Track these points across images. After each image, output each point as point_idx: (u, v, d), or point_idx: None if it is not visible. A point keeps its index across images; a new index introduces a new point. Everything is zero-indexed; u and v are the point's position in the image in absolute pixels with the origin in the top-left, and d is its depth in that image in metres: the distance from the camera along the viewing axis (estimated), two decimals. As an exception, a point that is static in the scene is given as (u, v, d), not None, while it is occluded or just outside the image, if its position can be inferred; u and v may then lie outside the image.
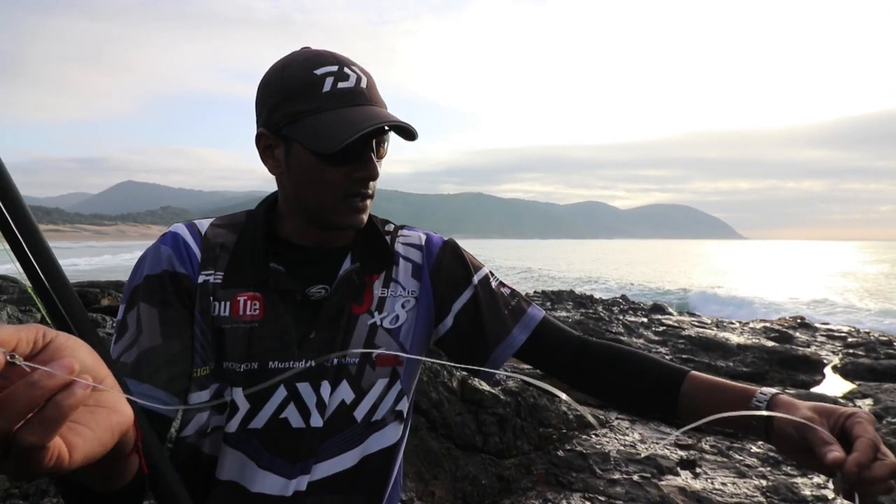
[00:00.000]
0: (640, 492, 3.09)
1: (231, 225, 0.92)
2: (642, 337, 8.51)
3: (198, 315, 0.85)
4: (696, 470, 3.44)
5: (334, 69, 0.81)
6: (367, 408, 0.89)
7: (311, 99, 0.81)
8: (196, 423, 0.84)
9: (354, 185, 0.84)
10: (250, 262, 0.87)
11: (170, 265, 0.85)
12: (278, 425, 0.84)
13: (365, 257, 0.93)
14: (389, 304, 0.93)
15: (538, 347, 0.99)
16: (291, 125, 0.82)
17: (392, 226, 1.02)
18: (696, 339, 8.03)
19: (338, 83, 0.80)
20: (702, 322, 10.79)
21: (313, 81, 0.81)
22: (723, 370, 6.30)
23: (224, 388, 0.84)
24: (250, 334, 0.84)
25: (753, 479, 3.34)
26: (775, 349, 7.12)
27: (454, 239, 1.05)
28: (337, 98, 0.80)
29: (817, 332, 9.94)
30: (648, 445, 2.75)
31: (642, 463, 3.42)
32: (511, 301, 0.99)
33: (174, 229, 0.90)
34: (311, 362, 0.84)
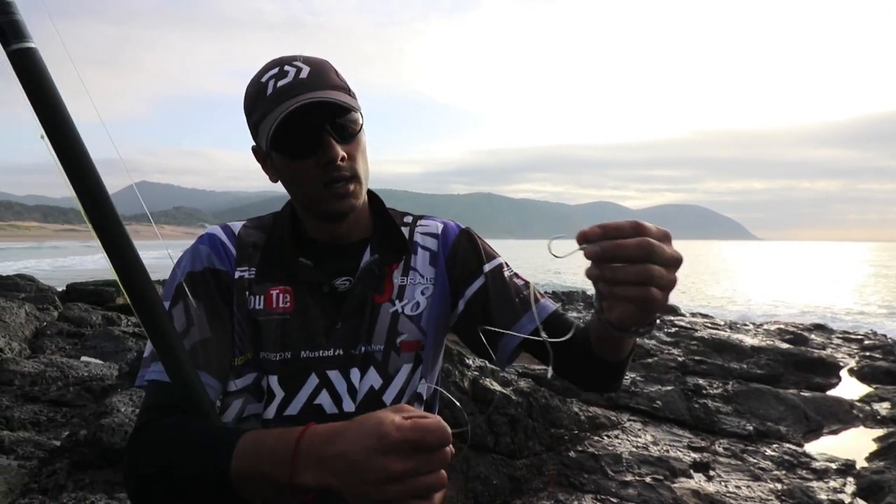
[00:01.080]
0: (653, 494, 3.07)
1: (260, 226, 0.98)
2: (654, 338, 8.45)
3: (235, 308, 0.90)
4: (709, 473, 3.41)
5: (275, 71, 0.86)
6: (394, 392, 0.93)
7: (259, 106, 0.86)
8: (234, 410, 0.90)
9: (327, 172, 0.87)
10: (280, 258, 0.93)
11: (210, 263, 0.91)
12: (313, 411, 0.89)
13: (383, 248, 0.97)
14: (409, 292, 0.97)
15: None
16: (257, 136, 0.90)
17: (411, 217, 1.06)
18: (709, 340, 7.96)
19: (277, 82, 0.85)
20: (715, 323, 10.70)
21: (260, 89, 0.87)
22: (736, 372, 6.24)
23: (261, 377, 0.89)
24: (283, 326, 0.90)
25: (768, 483, 3.30)
26: (790, 351, 7.04)
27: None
28: (276, 97, 0.85)
29: (833, 335, 9.81)
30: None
31: (655, 465, 3.40)
32: (523, 291, 1.00)
33: (211, 230, 0.97)
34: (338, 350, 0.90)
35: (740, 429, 4.18)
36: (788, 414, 4.62)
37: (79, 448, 2.70)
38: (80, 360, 5.06)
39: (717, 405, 4.54)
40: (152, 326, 0.75)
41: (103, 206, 0.72)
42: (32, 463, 2.78)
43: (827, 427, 4.64)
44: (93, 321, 7.05)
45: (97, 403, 3.51)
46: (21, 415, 3.57)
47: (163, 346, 0.76)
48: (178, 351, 0.76)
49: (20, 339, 5.50)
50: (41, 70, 0.71)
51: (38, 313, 6.47)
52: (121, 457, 2.65)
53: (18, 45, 0.69)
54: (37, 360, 4.73)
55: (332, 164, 0.86)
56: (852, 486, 3.32)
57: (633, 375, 5.20)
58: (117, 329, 6.31)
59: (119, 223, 0.74)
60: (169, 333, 0.76)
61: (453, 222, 1.07)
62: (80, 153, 0.71)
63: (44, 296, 8.45)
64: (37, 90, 0.70)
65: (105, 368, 4.71)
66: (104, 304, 8.61)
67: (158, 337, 0.76)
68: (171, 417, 0.78)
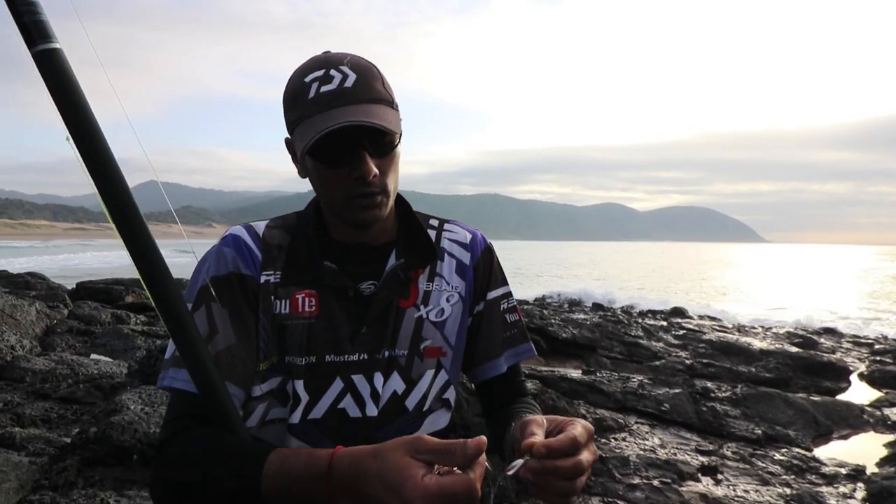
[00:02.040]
0: (661, 497, 3.06)
1: (284, 226, 0.97)
2: (662, 341, 8.42)
3: (261, 313, 0.89)
4: (717, 476, 3.39)
5: (320, 74, 0.85)
6: (417, 397, 0.93)
7: (300, 107, 0.85)
8: (258, 415, 0.89)
9: (355, 186, 0.86)
10: (306, 261, 0.92)
11: (235, 267, 0.90)
12: (337, 415, 0.89)
13: (409, 253, 0.96)
14: (435, 298, 0.96)
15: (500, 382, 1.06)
16: (292, 133, 0.89)
17: (437, 221, 1.05)
18: (717, 343, 7.92)
19: (321, 87, 0.84)
20: (723, 326, 10.64)
21: (302, 90, 0.85)
22: (745, 375, 6.20)
23: (286, 382, 0.89)
24: (309, 330, 0.89)
25: (777, 487, 3.28)
26: (799, 355, 6.99)
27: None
28: (319, 103, 0.84)
29: (843, 339, 9.74)
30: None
31: (662, 468, 3.38)
32: (513, 329, 1.04)
33: (234, 232, 0.95)
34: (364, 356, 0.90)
35: (749, 433, 4.15)
36: (798, 418, 4.58)
37: (89, 445, 2.73)
38: (90, 357, 5.10)
39: (726, 408, 4.51)
40: (180, 336, 0.75)
41: (128, 209, 0.72)
42: (43, 459, 2.80)
43: (837, 432, 4.60)
44: (102, 319, 7.11)
45: (107, 401, 3.54)
46: (32, 412, 3.60)
47: (191, 356, 0.76)
48: (206, 362, 0.76)
49: (31, 336, 5.55)
50: (66, 72, 0.69)
51: (48, 311, 6.52)
52: (130, 454, 2.67)
53: (44, 45, 0.68)
54: (47, 357, 4.78)
55: (362, 180, 0.86)
56: (862, 492, 3.29)
57: (640, 378, 5.18)
58: (126, 327, 6.35)
59: (144, 227, 0.73)
60: (197, 343, 0.76)
61: (479, 233, 1.07)
62: (105, 156, 0.71)
63: (54, 294, 8.52)
64: (62, 92, 0.69)
65: (114, 366, 4.75)
66: (113, 303, 8.67)
67: (186, 346, 0.75)
68: (200, 430, 0.80)
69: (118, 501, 2.29)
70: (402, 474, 0.61)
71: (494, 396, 1.05)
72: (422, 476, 0.60)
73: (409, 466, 0.61)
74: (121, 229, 0.72)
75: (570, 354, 7.55)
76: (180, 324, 0.75)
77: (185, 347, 0.76)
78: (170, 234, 24.13)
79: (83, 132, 0.70)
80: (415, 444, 0.63)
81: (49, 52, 0.68)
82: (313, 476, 0.67)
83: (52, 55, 0.68)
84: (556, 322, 8.21)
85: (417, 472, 0.61)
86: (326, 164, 0.86)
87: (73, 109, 0.69)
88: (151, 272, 0.73)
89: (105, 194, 0.71)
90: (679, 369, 6.55)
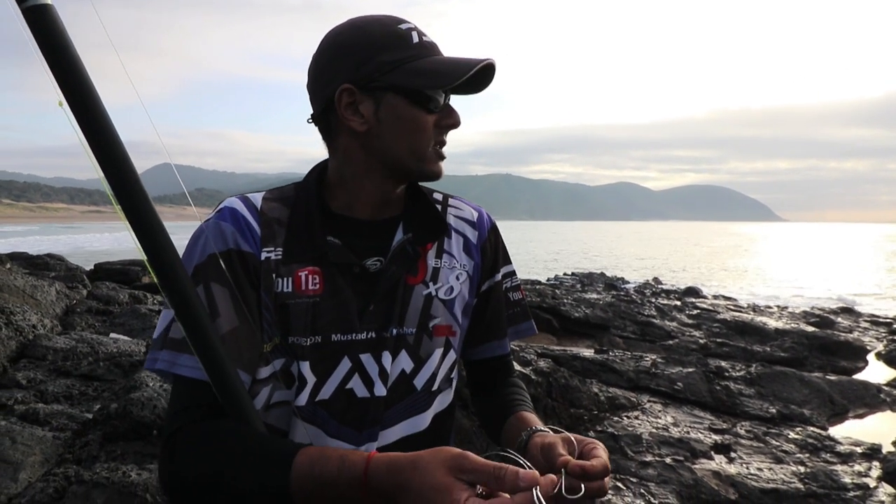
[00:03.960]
0: (673, 474, 3.07)
1: (282, 199, 0.92)
2: (675, 320, 8.38)
3: (263, 293, 0.85)
4: (730, 454, 3.39)
5: (413, 25, 0.87)
6: (426, 376, 0.92)
7: (405, 49, 0.85)
8: (262, 398, 0.86)
9: (441, 133, 0.88)
10: (308, 237, 0.87)
11: (235, 244, 0.85)
12: (344, 395, 0.86)
13: (417, 227, 0.93)
14: (444, 275, 0.94)
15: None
16: (390, 74, 0.83)
17: (440, 195, 1.02)
18: (731, 322, 7.87)
19: (422, 37, 0.87)
20: (738, 306, 10.55)
21: (401, 34, 0.85)
22: (759, 355, 6.16)
23: (289, 363, 0.85)
24: (313, 309, 0.85)
25: (791, 466, 3.27)
26: (815, 334, 6.92)
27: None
28: (426, 48, 0.86)
29: (860, 318, 9.61)
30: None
31: (675, 446, 3.39)
32: (515, 307, 1.05)
33: (230, 204, 0.89)
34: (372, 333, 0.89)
35: (763, 411, 4.14)
36: (813, 397, 4.56)
37: (110, 421, 2.79)
38: (109, 336, 5.20)
39: (740, 387, 4.49)
40: (189, 320, 0.72)
41: (128, 176, 0.68)
42: (66, 434, 2.88)
43: (853, 411, 4.57)
44: (120, 299, 7.23)
45: (126, 378, 3.61)
46: (55, 388, 3.69)
47: (201, 342, 0.73)
48: (217, 348, 0.74)
49: (52, 315, 5.66)
50: (58, 29, 0.64)
51: (68, 291, 6.64)
52: (150, 429, 2.73)
53: (34, 1, 0.63)
54: (68, 336, 4.87)
55: (450, 128, 0.89)
56: (878, 471, 3.28)
57: (653, 357, 5.17)
58: (144, 307, 6.45)
59: (144, 194, 0.69)
60: (206, 328, 0.73)
61: (483, 210, 1.06)
62: (101, 120, 0.66)
63: (73, 275, 8.67)
64: (54, 52, 0.64)
65: (133, 345, 4.84)
66: (130, 283, 8.80)
67: (196, 332, 0.72)
68: (215, 423, 0.77)
69: (139, 475, 2.34)
70: (444, 495, 0.60)
71: (487, 374, 1.05)
72: (465, 499, 0.59)
73: (451, 488, 0.60)
74: (119, 196, 0.68)
75: (582, 334, 7.55)
76: (187, 305, 0.71)
77: (195, 333, 0.73)
78: (185, 216, 24.13)
79: (78, 95, 0.65)
80: (459, 463, 0.61)
81: (40, 7, 0.64)
82: (348, 482, 0.66)
83: (43, 11, 0.64)
84: (568, 302, 8.19)
85: (461, 494, 0.59)
86: (423, 108, 0.85)
87: (66, 71, 0.64)
88: (154, 246, 0.69)
89: (102, 161, 0.67)
90: (693, 349, 6.53)
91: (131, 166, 0.68)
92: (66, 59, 0.64)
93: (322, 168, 0.95)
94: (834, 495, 2.96)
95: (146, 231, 0.69)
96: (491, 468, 0.60)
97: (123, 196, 0.68)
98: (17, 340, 4.45)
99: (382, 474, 0.65)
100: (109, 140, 0.67)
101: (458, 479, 0.60)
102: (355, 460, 0.67)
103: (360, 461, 0.67)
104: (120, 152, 0.68)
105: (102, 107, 0.67)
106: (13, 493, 2.35)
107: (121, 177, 0.67)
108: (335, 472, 0.67)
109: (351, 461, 0.67)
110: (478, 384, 1.08)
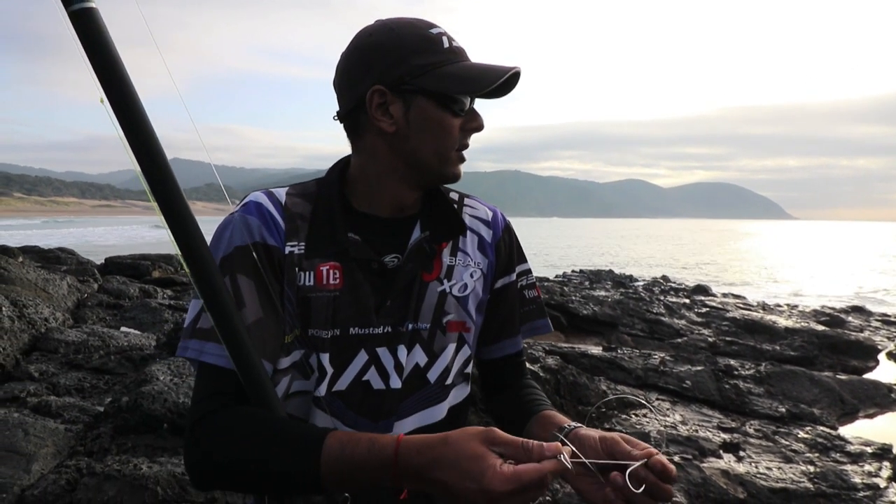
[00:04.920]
0: (682, 473, 3.06)
1: (304, 194, 0.95)
2: (684, 318, 8.34)
3: (286, 285, 0.88)
4: (739, 453, 3.37)
5: (443, 30, 0.90)
6: (439, 370, 0.94)
7: (436, 53, 0.87)
8: (282, 388, 0.88)
9: (465, 137, 0.91)
10: (330, 233, 0.90)
11: (261, 237, 0.88)
12: (361, 387, 0.89)
13: (434, 226, 0.96)
14: (458, 273, 0.96)
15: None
16: (421, 77, 0.86)
17: (456, 195, 1.05)
18: (741, 321, 7.82)
19: (451, 42, 0.89)
20: (747, 304, 10.48)
21: (432, 38, 0.88)
22: (769, 353, 6.12)
23: (309, 355, 0.88)
24: (334, 302, 0.88)
25: (800, 465, 3.25)
26: (826, 333, 6.87)
27: None
28: (457, 53, 0.89)
29: (871, 317, 9.52)
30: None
31: (684, 444, 3.38)
32: (532, 304, 1.06)
33: (256, 199, 0.91)
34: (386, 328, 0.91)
35: (772, 410, 4.11)
36: (823, 396, 4.52)
37: (121, 414, 2.82)
38: (120, 330, 5.25)
39: (749, 386, 4.47)
40: (216, 309, 0.75)
41: (163, 171, 0.71)
42: (78, 427, 2.91)
43: (863, 410, 4.53)
44: (131, 293, 7.29)
45: (137, 372, 3.64)
46: (66, 381, 3.74)
47: (228, 330, 0.75)
48: (244, 337, 0.76)
49: (63, 309, 5.72)
50: (102, 32, 0.69)
51: (79, 285, 6.71)
52: (160, 423, 2.75)
53: (80, 4, 0.68)
54: (79, 329, 4.92)
55: (471, 133, 0.92)
56: (888, 471, 3.25)
57: (662, 355, 5.14)
58: (154, 301, 6.50)
59: (178, 189, 0.73)
60: (233, 318, 0.75)
61: (498, 210, 1.08)
62: (140, 117, 0.70)
63: (84, 269, 8.76)
64: (98, 52, 0.68)
65: (143, 339, 4.88)
66: (141, 278, 8.88)
67: (223, 321, 0.75)
68: (240, 409, 0.79)
69: (150, 467, 2.37)
70: (480, 462, 0.64)
71: (500, 374, 1.06)
72: (499, 465, 0.64)
73: (486, 455, 0.65)
74: (155, 190, 0.71)
75: (590, 331, 7.53)
76: (216, 296, 0.74)
77: (222, 322, 0.75)
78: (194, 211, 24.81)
79: (118, 93, 0.69)
80: (489, 436, 0.66)
81: (86, 10, 0.68)
82: (379, 464, 0.69)
83: (88, 14, 0.68)
84: (576, 299, 8.18)
85: (495, 460, 0.64)
86: (453, 113, 0.88)
87: (108, 70, 0.69)
88: (186, 238, 0.73)
89: (140, 155, 0.71)
90: (702, 347, 6.50)
91: (166, 161, 0.72)
92: (108, 59, 0.69)
93: (344, 165, 0.97)
94: (844, 495, 2.94)
95: (179, 223, 0.73)
96: (519, 442, 0.66)
97: (158, 189, 0.72)
98: (29, 333, 4.50)
99: (413, 454, 0.68)
100: (146, 136, 0.71)
101: (490, 450, 0.65)
102: (385, 442, 0.70)
103: (391, 442, 0.69)
104: (156, 147, 0.72)
105: (140, 104, 0.71)
106: (26, 484, 2.38)
107: (156, 171, 0.71)
108: (365, 453, 0.69)
109: (381, 443, 0.70)
110: (491, 384, 1.08)
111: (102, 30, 0.69)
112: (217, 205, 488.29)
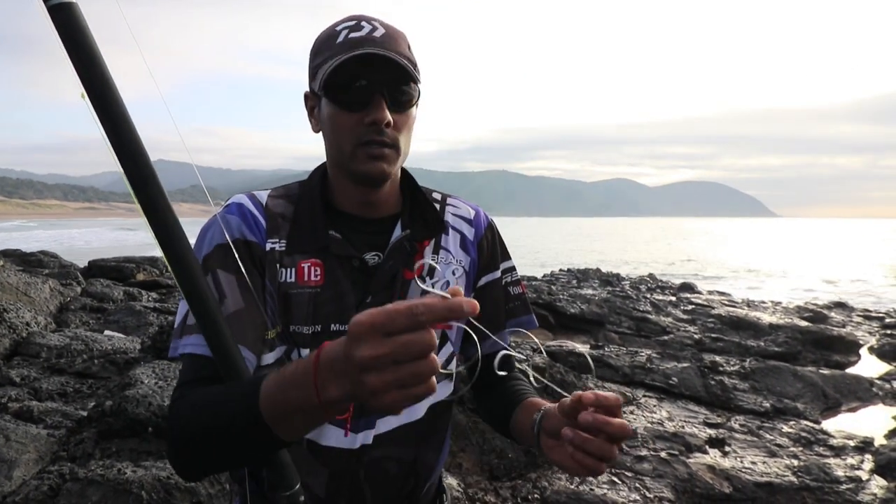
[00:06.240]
0: (668, 469, 3.09)
1: (287, 195, 0.96)
2: (670, 315, 8.41)
3: (267, 281, 0.89)
4: (725, 448, 3.41)
5: (351, 24, 0.87)
6: None
7: (326, 50, 0.87)
8: None
9: (367, 132, 0.86)
10: (310, 230, 0.91)
11: (241, 234, 0.89)
12: None
13: (415, 224, 0.97)
14: (440, 271, 0.98)
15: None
16: (313, 79, 0.90)
17: (439, 195, 1.06)
18: (726, 318, 7.90)
19: (350, 34, 0.85)
20: (732, 301, 10.59)
21: (331, 35, 0.88)
22: (753, 349, 6.19)
23: (291, 350, 0.89)
24: (314, 299, 0.89)
25: (784, 459, 3.30)
26: (809, 329, 6.96)
27: None
28: (345, 45, 0.85)
29: (853, 313, 9.67)
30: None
31: (670, 440, 3.41)
32: (516, 301, 1.07)
33: (238, 200, 0.93)
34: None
35: (757, 406, 4.16)
36: (806, 391, 4.59)
37: (105, 418, 2.78)
38: (104, 333, 5.18)
39: (734, 382, 4.52)
40: (194, 297, 0.75)
41: (142, 165, 0.71)
42: (61, 432, 2.87)
43: (845, 404, 4.60)
44: (114, 297, 7.19)
45: (121, 375, 3.60)
46: (49, 386, 3.68)
47: (205, 317, 0.75)
48: (220, 323, 0.76)
49: (45, 313, 5.63)
50: (82, 26, 0.68)
51: (61, 288, 6.61)
52: (145, 426, 2.72)
53: None
54: (62, 333, 4.85)
55: (376, 126, 0.85)
56: (870, 464, 3.31)
57: (648, 353, 5.19)
58: (138, 304, 6.42)
59: (158, 185, 0.72)
60: (211, 305, 0.75)
61: (481, 209, 1.09)
62: (120, 112, 0.70)
63: (66, 272, 8.62)
64: (77, 47, 0.68)
65: (127, 342, 4.82)
66: (125, 281, 8.77)
67: (201, 308, 0.75)
68: (206, 387, 0.78)
69: (135, 472, 2.34)
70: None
71: (487, 370, 1.04)
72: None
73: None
74: (134, 185, 0.71)
75: (578, 330, 7.57)
76: (194, 284, 0.74)
77: (199, 309, 0.75)
78: (178, 213, 24.27)
79: (99, 88, 0.69)
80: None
81: (65, 5, 0.68)
82: (303, 370, 0.61)
83: (68, 9, 0.68)
84: (564, 297, 8.21)
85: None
86: (342, 106, 0.86)
87: (88, 65, 0.68)
88: (168, 237, 0.73)
89: (119, 150, 0.70)
90: (687, 344, 6.56)
91: (147, 157, 0.72)
92: (88, 54, 0.68)
93: (326, 166, 0.99)
94: (827, 488, 2.98)
95: (161, 222, 0.73)
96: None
97: (140, 188, 0.71)
98: (10, 338, 4.43)
99: (331, 352, 0.58)
100: (128, 132, 0.71)
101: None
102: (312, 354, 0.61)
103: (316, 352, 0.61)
104: (138, 144, 0.71)
105: (121, 99, 0.71)
106: (7, 490, 2.34)
107: (138, 169, 0.71)
108: (292, 371, 0.63)
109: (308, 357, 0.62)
110: (479, 381, 1.08)
111: (82, 24, 0.69)
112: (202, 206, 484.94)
